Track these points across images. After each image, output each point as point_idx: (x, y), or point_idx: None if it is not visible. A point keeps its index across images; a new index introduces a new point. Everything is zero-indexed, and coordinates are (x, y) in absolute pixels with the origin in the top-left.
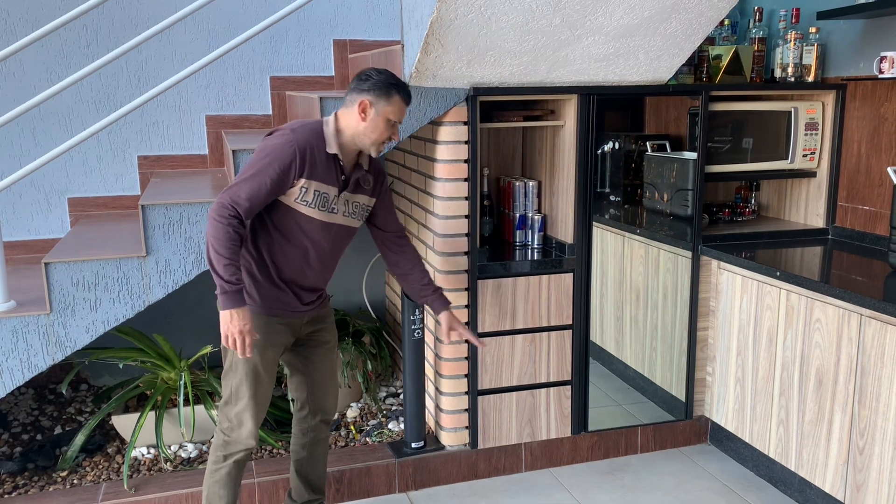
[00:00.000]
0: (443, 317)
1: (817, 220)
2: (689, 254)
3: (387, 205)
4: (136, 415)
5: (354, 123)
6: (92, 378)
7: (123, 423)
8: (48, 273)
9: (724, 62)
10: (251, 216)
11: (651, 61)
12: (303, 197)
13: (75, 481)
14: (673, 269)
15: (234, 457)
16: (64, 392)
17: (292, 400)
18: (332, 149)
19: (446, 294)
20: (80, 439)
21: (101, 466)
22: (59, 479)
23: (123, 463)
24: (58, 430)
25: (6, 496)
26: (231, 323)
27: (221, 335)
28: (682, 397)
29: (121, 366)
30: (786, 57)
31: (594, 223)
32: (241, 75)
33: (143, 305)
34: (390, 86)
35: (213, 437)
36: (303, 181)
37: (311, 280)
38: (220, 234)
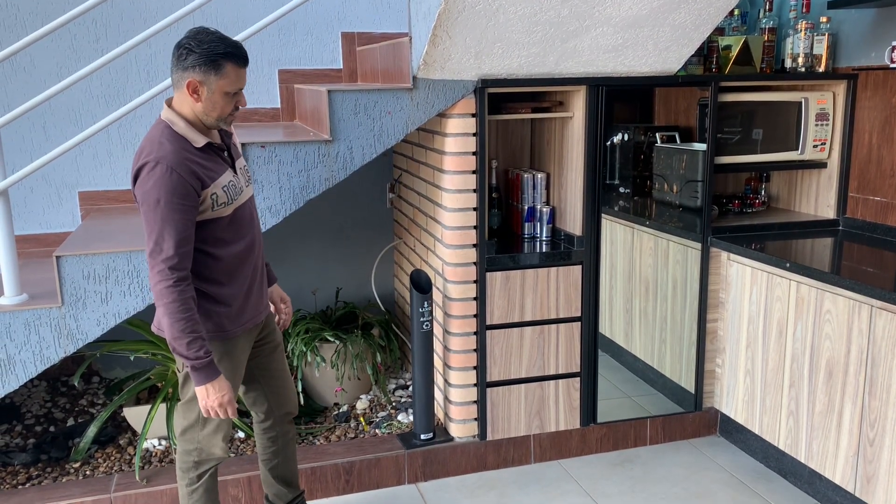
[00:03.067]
0: (273, 289)
1: (828, 211)
2: (698, 245)
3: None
4: (148, 407)
5: (190, 106)
6: (103, 370)
7: (135, 415)
8: (60, 266)
9: (734, 52)
10: (189, 259)
11: (660, 52)
12: (217, 202)
13: (88, 472)
14: (682, 260)
15: (208, 472)
16: (76, 384)
17: (252, 414)
18: (199, 142)
19: (453, 287)
20: (92, 431)
21: (113, 458)
22: (72, 471)
23: (135, 454)
24: (70, 422)
25: (20, 487)
26: (209, 398)
27: (201, 408)
28: (692, 389)
29: (132, 358)
30: (796, 47)
31: (603, 215)
32: (250, 69)
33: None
34: (218, 56)
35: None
36: (208, 191)
37: (259, 270)
38: (174, 309)
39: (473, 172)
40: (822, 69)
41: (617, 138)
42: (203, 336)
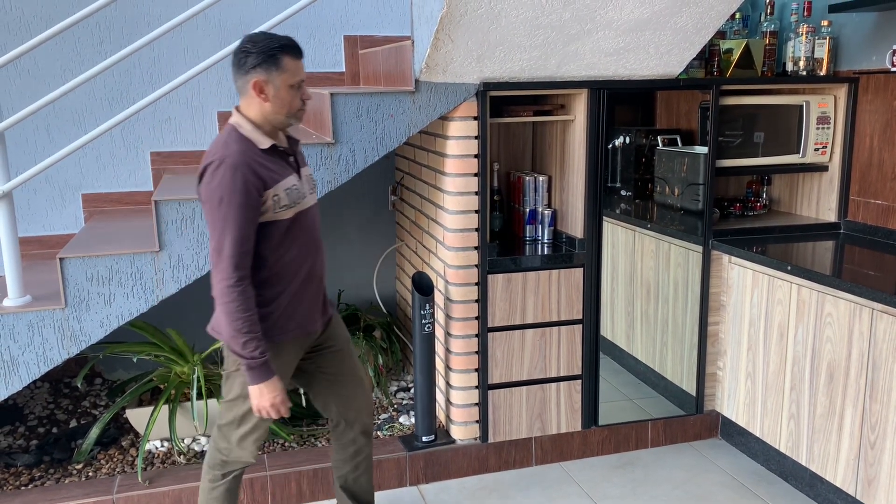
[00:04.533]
0: None
1: (829, 214)
2: (699, 248)
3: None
4: (150, 408)
5: (259, 107)
6: (106, 372)
7: (137, 417)
8: (63, 268)
9: (736, 56)
10: (249, 258)
11: (661, 55)
12: (279, 205)
13: (90, 474)
14: (684, 263)
15: (233, 473)
16: (79, 386)
17: (327, 419)
18: (264, 143)
19: (454, 289)
20: (94, 432)
21: (115, 459)
22: (75, 472)
23: (138, 456)
24: (73, 424)
25: (23, 488)
26: (261, 398)
27: (252, 407)
28: (693, 392)
29: (135, 360)
30: (797, 50)
31: (605, 218)
32: None
33: (157, 300)
34: (273, 51)
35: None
36: (270, 192)
37: (317, 281)
38: (233, 309)
39: (475, 175)
40: (823, 73)
41: (618, 141)
42: (260, 336)
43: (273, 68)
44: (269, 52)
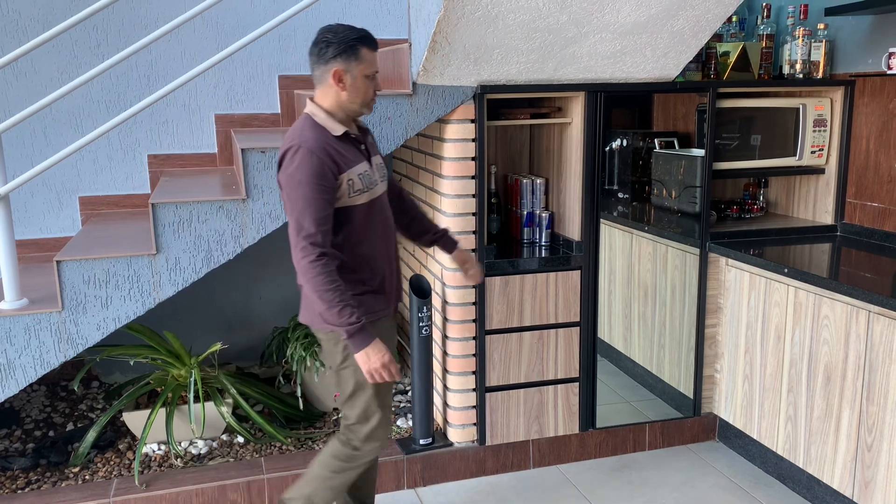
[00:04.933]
0: (456, 255)
1: (826, 216)
2: (696, 251)
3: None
4: (147, 411)
5: (336, 96)
6: (103, 375)
7: (134, 420)
8: (60, 271)
9: (732, 59)
10: (329, 237)
11: (658, 58)
12: (354, 189)
13: (87, 477)
14: (681, 266)
15: (358, 469)
16: (76, 389)
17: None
18: (337, 130)
19: (452, 292)
20: (91, 436)
21: (112, 462)
22: (71, 475)
23: (134, 459)
24: (70, 427)
25: (19, 492)
26: (370, 361)
27: (365, 374)
28: (691, 394)
29: (132, 363)
30: (794, 53)
31: (602, 220)
32: (250, 74)
33: (154, 303)
34: (353, 42)
35: (332, 443)
36: (343, 176)
37: (395, 260)
38: (320, 282)
39: (473, 178)
40: (819, 75)
41: (616, 144)
42: (352, 304)
43: (352, 58)
44: (348, 43)
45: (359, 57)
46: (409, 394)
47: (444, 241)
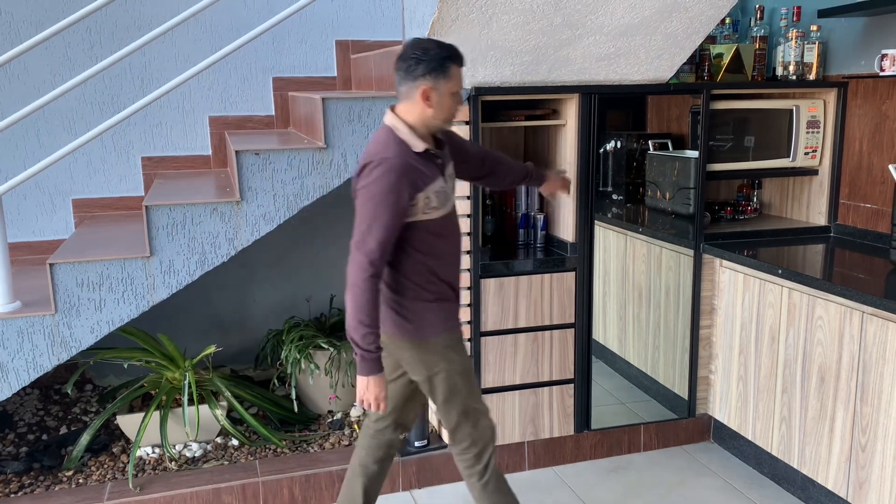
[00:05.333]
0: (545, 187)
1: (819, 217)
2: (691, 252)
3: (458, 144)
4: (141, 414)
5: (420, 112)
6: (97, 378)
7: (128, 423)
8: (53, 274)
9: (726, 61)
10: (386, 257)
11: (652, 60)
12: (428, 206)
13: (81, 481)
14: (675, 267)
15: (491, 461)
16: (69, 392)
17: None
18: (419, 147)
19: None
20: (85, 439)
21: (106, 466)
22: (65, 479)
23: (128, 462)
24: (63, 430)
25: (12, 496)
26: (368, 390)
27: (357, 397)
28: (685, 395)
29: (125, 366)
30: (787, 55)
31: (597, 222)
32: (244, 76)
33: (148, 306)
34: (444, 60)
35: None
36: (421, 195)
37: (458, 276)
38: (363, 301)
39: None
40: (812, 77)
41: (610, 146)
42: (378, 333)
43: (441, 77)
44: (439, 62)
45: (447, 75)
46: None
47: (535, 179)
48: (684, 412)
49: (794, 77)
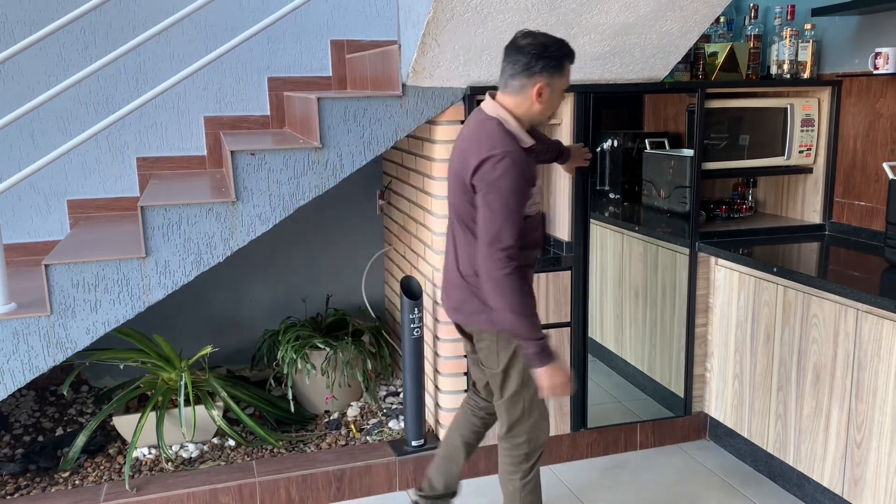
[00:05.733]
0: (568, 166)
1: (814, 216)
2: (686, 250)
3: (538, 136)
4: (137, 415)
5: (529, 107)
6: (93, 379)
7: (124, 424)
8: (48, 275)
9: (720, 59)
10: (519, 250)
11: (647, 59)
12: (534, 201)
13: (77, 482)
14: (671, 265)
15: (538, 464)
16: (65, 393)
17: (475, 396)
18: (527, 143)
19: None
20: (81, 440)
21: (102, 467)
22: (61, 480)
23: (125, 463)
24: (59, 432)
25: (8, 497)
26: (553, 378)
27: (544, 389)
28: (681, 393)
29: (121, 367)
30: (781, 54)
31: (593, 221)
32: (239, 76)
33: (144, 306)
34: (562, 58)
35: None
36: (535, 189)
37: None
38: (514, 297)
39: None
40: (807, 76)
41: (606, 144)
42: (538, 320)
43: (556, 74)
44: (557, 59)
45: (562, 72)
46: (401, 396)
47: (563, 155)
48: (680, 410)
49: (789, 75)
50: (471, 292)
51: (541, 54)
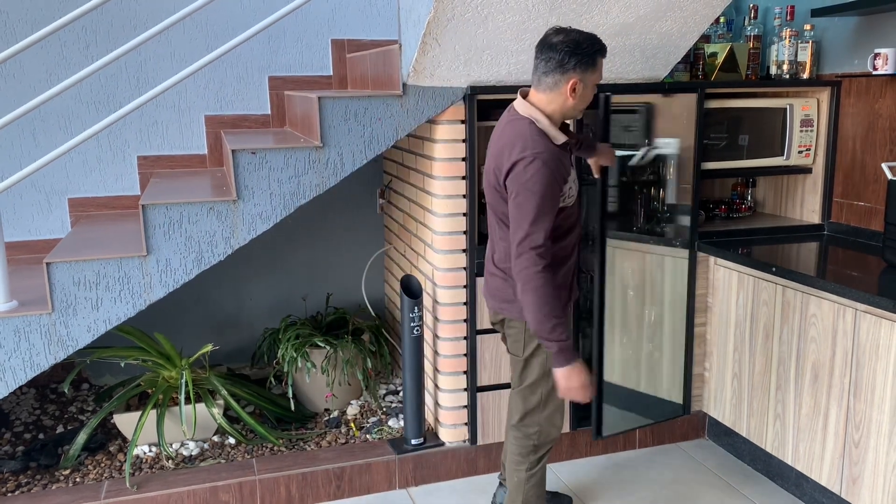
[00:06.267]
0: (594, 159)
1: (813, 216)
2: (685, 251)
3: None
4: (138, 413)
5: (562, 103)
6: (93, 377)
7: (125, 422)
8: (50, 273)
9: (720, 60)
10: (550, 246)
11: (647, 59)
12: (568, 196)
13: (78, 480)
14: (670, 265)
15: (545, 457)
16: (66, 391)
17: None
18: (559, 140)
19: (443, 292)
20: (82, 438)
21: (103, 465)
22: (62, 478)
23: (125, 461)
24: (60, 429)
25: (9, 495)
26: (570, 380)
27: (560, 390)
28: (680, 393)
29: (122, 364)
30: (781, 54)
31: None
32: (240, 75)
33: (144, 304)
34: (595, 54)
35: (512, 451)
36: (566, 186)
37: (575, 261)
38: (544, 295)
39: (463, 178)
40: (806, 76)
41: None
42: (565, 321)
43: (589, 69)
44: (590, 55)
45: (595, 68)
46: (401, 394)
47: (587, 148)
48: (679, 410)
49: (788, 76)
50: (504, 281)
51: (573, 51)
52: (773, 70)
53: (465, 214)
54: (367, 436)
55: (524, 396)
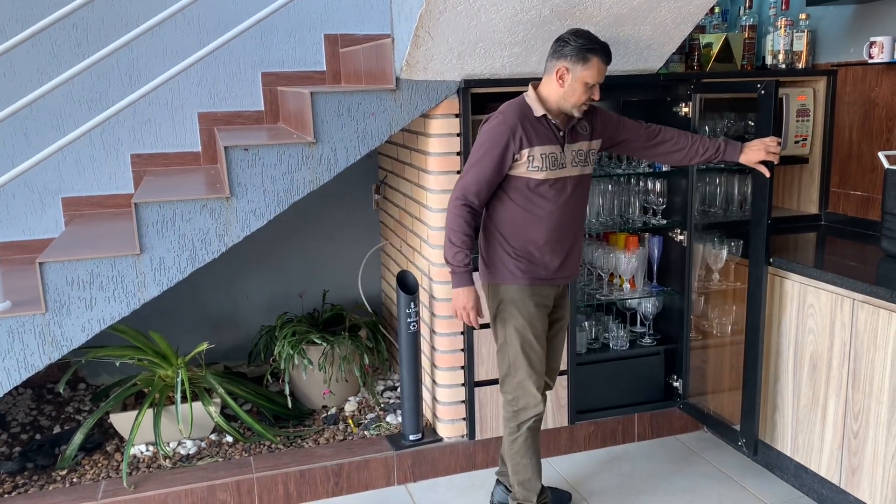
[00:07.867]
0: (743, 157)
1: (810, 206)
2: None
3: (616, 122)
4: (135, 413)
5: (554, 90)
6: (89, 377)
7: (122, 421)
8: (43, 273)
9: (715, 50)
10: (482, 199)
11: (641, 50)
12: (532, 164)
13: (75, 480)
14: None
15: (526, 424)
16: (62, 391)
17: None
18: (538, 111)
19: (439, 287)
20: (78, 438)
21: (100, 465)
22: (59, 478)
23: (122, 461)
24: (56, 430)
25: (6, 496)
26: (456, 300)
27: (451, 308)
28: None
29: (118, 364)
30: (776, 44)
31: None
32: (233, 72)
33: (139, 303)
34: (587, 50)
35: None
36: (526, 151)
37: (564, 242)
38: (453, 224)
39: (458, 173)
40: (802, 66)
41: None
42: (469, 253)
43: (580, 63)
44: (583, 49)
45: (587, 63)
46: (399, 390)
47: (728, 152)
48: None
49: (784, 66)
50: (477, 251)
51: (567, 41)
52: (769, 60)
53: None
54: (365, 432)
55: (498, 360)
